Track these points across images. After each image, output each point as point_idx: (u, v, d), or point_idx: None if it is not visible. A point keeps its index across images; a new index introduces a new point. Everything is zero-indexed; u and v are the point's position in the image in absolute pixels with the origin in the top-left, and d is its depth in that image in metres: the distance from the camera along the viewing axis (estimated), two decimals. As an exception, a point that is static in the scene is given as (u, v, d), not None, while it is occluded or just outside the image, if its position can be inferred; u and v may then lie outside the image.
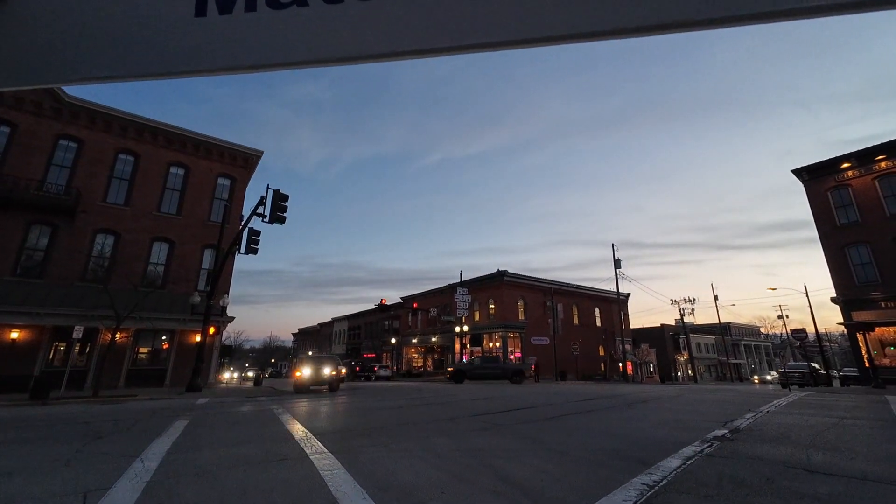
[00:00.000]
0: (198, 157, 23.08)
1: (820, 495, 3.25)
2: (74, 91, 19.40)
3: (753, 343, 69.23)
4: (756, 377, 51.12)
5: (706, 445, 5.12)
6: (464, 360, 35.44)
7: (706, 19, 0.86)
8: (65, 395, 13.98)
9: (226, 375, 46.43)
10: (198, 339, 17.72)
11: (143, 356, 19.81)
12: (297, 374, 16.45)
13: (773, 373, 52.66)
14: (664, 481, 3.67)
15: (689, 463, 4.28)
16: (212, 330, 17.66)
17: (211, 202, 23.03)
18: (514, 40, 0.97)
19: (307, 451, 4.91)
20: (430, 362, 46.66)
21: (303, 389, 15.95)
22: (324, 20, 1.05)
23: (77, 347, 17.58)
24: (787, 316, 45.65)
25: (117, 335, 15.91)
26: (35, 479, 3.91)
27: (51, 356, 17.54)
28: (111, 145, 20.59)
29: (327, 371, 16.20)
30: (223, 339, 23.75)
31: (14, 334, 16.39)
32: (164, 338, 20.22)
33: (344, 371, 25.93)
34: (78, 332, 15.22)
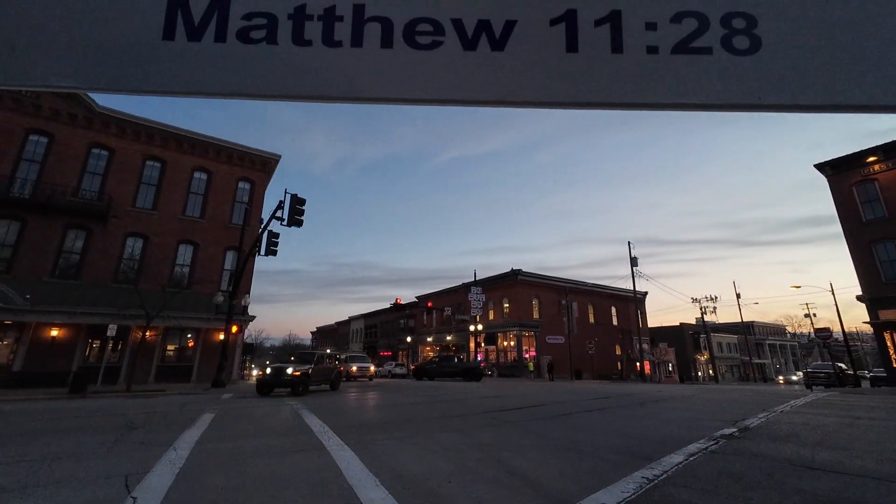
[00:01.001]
0: (219, 161, 23.92)
1: (817, 491, 3.34)
2: (105, 101, 20.42)
3: (779, 342, 67.05)
4: (781, 378, 49.63)
5: (712, 443, 5.20)
6: (478, 358, 35.60)
7: (680, 103, 1.09)
8: (101, 390, 14.81)
9: (254, 372, 47.66)
10: (221, 337, 18.44)
11: (171, 353, 20.70)
12: (260, 373, 14.18)
13: (799, 373, 50.99)
14: (664, 475, 3.80)
15: (691, 459, 4.38)
16: (234, 328, 18.36)
17: (232, 205, 23.83)
18: (481, 100, 1.13)
19: (324, 443, 5.21)
20: (445, 361, 47.01)
21: (264, 391, 13.28)
22: (292, 60, 1.12)
23: (111, 345, 18.53)
24: (814, 315, 44.10)
25: (147, 333, 16.73)
26: (81, 464, 4.31)
27: (87, 353, 18.56)
28: (139, 152, 21.56)
29: (289, 371, 13.15)
30: (245, 337, 24.57)
31: (54, 332, 17.42)
32: (189, 336, 21.08)
33: (373, 370, 25.61)
34: (112, 330, 16.09)
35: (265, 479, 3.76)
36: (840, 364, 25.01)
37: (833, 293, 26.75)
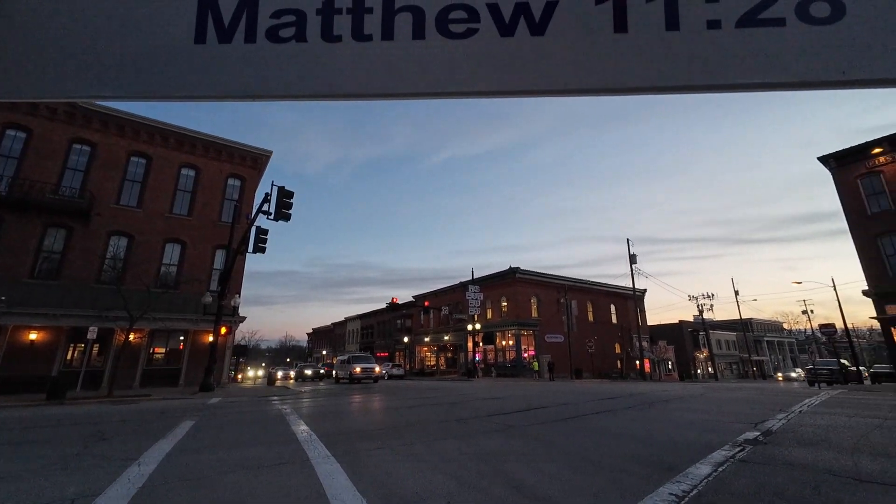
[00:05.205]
0: (208, 158, 23.23)
1: (878, 509, 2.85)
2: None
3: (777, 339, 67.04)
4: (780, 375, 49.48)
5: (738, 449, 4.71)
6: (476, 358, 35.10)
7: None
8: (80, 396, 14.14)
9: (249, 374, 46.93)
10: (210, 339, 17.78)
11: (158, 356, 20.02)
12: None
13: (799, 370, 50.89)
14: (694, 491, 3.32)
15: (720, 470, 3.90)
16: (223, 330, 17.71)
17: (221, 203, 23.14)
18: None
19: (309, 455, 4.67)
20: (442, 361, 46.44)
21: None
22: (321, 57, 1.06)
23: (95, 348, 17.84)
24: (811, 311, 44.13)
25: (131, 336, 16.05)
26: (26, 484, 3.75)
27: (68, 357, 17.82)
28: (123, 148, 20.83)
29: None
30: (237, 338, 23.89)
31: (33, 335, 16.69)
32: (181, 338, 20.40)
33: (378, 370, 24.67)
34: (92, 332, 15.41)
35: (235, 500, 3.22)
36: (843, 360, 24.70)
37: (835, 289, 26.49)
